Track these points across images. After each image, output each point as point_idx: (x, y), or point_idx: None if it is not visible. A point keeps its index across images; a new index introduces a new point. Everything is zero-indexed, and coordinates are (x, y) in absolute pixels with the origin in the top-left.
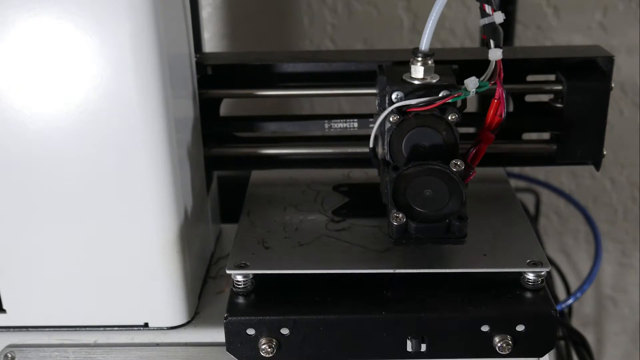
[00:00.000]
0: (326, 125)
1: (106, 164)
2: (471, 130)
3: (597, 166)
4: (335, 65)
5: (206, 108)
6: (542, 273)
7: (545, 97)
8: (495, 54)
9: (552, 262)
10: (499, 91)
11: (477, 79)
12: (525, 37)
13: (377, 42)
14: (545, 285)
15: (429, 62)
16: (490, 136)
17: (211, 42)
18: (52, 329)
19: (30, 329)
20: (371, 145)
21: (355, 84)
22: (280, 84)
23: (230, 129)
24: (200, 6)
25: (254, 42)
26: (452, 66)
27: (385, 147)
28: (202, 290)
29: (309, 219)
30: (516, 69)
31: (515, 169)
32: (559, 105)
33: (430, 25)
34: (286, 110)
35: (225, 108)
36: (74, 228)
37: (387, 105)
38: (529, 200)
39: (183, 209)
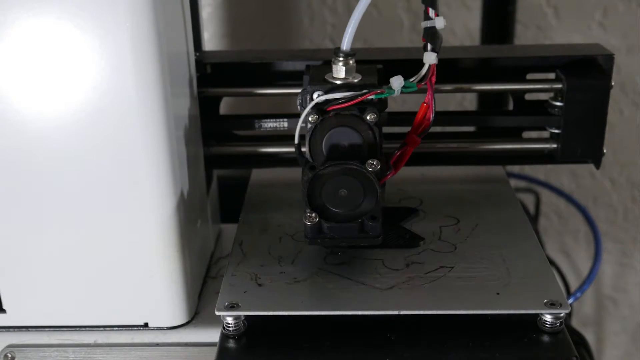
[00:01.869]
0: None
1: (106, 163)
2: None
3: (597, 164)
4: None
5: (206, 106)
6: (561, 315)
7: (545, 96)
8: (429, 58)
9: (552, 262)
10: (429, 95)
11: (403, 79)
12: (525, 37)
13: (377, 42)
14: (565, 328)
15: (351, 62)
16: (416, 139)
17: (211, 42)
18: (52, 329)
19: (30, 329)
20: (296, 142)
21: None
22: (280, 82)
23: (230, 128)
24: (200, 6)
25: (254, 42)
26: (377, 66)
27: (307, 146)
28: (202, 290)
29: (306, 250)
30: (516, 67)
31: (515, 169)
32: (558, 103)
33: (352, 24)
34: (285, 108)
35: (224, 106)
36: (73, 228)
37: (308, 104)
38: (529, 200)
39: (183, 208)
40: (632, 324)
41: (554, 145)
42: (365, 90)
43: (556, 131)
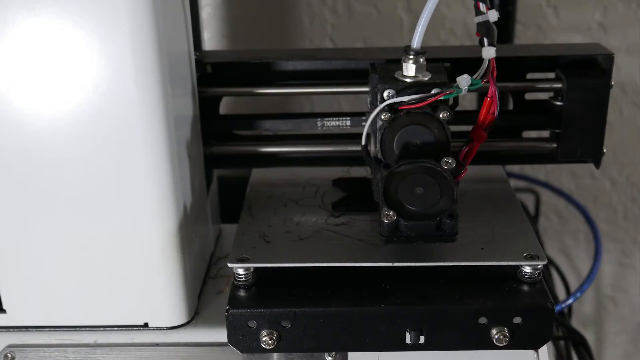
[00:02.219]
0: (319, 124)
1: (106, 163)
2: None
3: (597, 164)
4: (335, 63)
5: (206, 106)
6: (539, 266)
7: (545, 95)
8: (488, 52)
9: (552, 262)
10: (492, 89)
11: (470, 77)
12: (525, 37)
13: (377, 42)
14: (542, 279)
15: (421, 60)
16: (482, 134)
17: (211, 42)
18: (52, 329)
19: (30, 329)
20: (363, 142)
21: (355, 82)
22: (280, 82)
23: (230, 127)
24: (200, 6)
25: (254, 42)
26: (445, 64)
27: (377, 145)
28: (202, 290)
29: (309, 213)
30: (516, 66)
31: (515, 169)
32: (558, 103)
33: (422, 23)
34: (286, 108)
35: (224, 106)
36: (73, 228)
37: (378, 103)
38: (529, 200)
39: (183, 208)
40: (632, 324)
41: (554, 145)
42: (436, 91)
43: (556, 131)
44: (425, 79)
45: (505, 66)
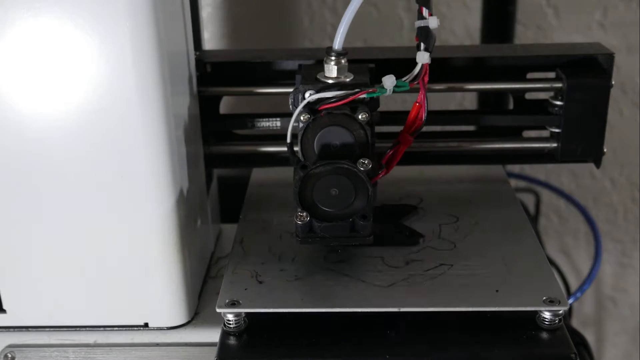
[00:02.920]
0: None
1: (106, 163)
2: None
3: (598, 164)
4: None
5: (206, 106)
6: (560, 312)
7: (545, 95)
8: (422, 57)
9: (552, 262)
10: (421, 95)
11: (395, 78)
12: (526, 38)
13: (377, 42)
14: (563, 325)
15: (342, 61)
16: (408, 139)
17: (211, 42)
18: (52, 329)
19: (30, 329)
20: (288, 141)
21: None
22: (280, 81)
23: (230, 127)
24: (200, 6)
25: (254, 42)
26: (369, 65)
27: (298, 146)
28: (202, 290)
29: (307, 247)
30: (516, 66)
31: (516, 169)
32: (559, 102)
33: (344, 23)
34: (286, 108)
35: (224, 106)
36: (73, 227)
37: (299, 103)
38: (529, 200)
39: (183, 208)
40: (632, 324)
41: (554, 145)
42: (357, 90)
43: (556, 130)
44: (347, 79)
45: (505, 66)
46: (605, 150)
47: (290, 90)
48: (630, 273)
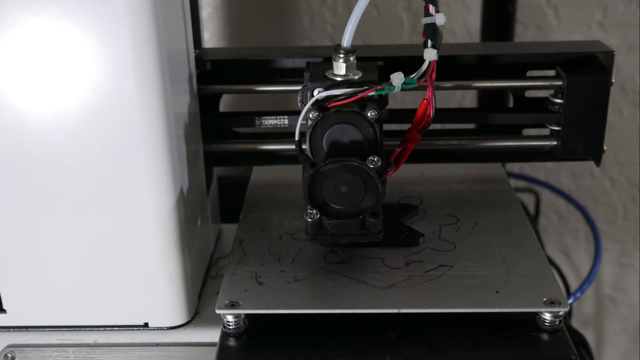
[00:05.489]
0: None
1: (106, 162)
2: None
3: (598, 162)
4: None
5: (206, 104)
6: (561, 313)
7: (545, 93)
8: (430, 54)
9: (552, 262)
10: (429, 92)
11: (403, 75)
12: (525, 37)
13: (377, 42)
14: (564, 326)
15: (351, 58)
16: (416, 136)
17: (211, 42)
18: (52, 329)
19: (30, 329)
20: (296, 138)
21: None
22: (280, 79)
23: (230, 125)
24: (200, 6)
25: (254, 42)
26: (378, 63)
27: (307, 143)
28: (202, 290)
29: (306, 248)
30: (516, 64)
31: (515, 169)
32: (559, 100)
33: (353, 21)
34: (285, 105)
35: (224, 104)
36: (73, 228)
37: (307, 101)
38: (529, 200)
39: (183, 207)
40: (632, 324)
41: (554, 143)
42: (365, 87)
43: (556, 128)
44: (356, 77)
45: (505, 64)
46: (605, 148)
47: (290, 88)
48: (630, 273)
